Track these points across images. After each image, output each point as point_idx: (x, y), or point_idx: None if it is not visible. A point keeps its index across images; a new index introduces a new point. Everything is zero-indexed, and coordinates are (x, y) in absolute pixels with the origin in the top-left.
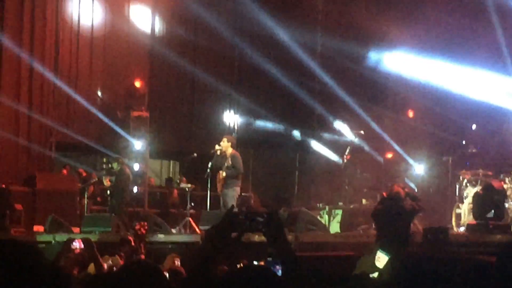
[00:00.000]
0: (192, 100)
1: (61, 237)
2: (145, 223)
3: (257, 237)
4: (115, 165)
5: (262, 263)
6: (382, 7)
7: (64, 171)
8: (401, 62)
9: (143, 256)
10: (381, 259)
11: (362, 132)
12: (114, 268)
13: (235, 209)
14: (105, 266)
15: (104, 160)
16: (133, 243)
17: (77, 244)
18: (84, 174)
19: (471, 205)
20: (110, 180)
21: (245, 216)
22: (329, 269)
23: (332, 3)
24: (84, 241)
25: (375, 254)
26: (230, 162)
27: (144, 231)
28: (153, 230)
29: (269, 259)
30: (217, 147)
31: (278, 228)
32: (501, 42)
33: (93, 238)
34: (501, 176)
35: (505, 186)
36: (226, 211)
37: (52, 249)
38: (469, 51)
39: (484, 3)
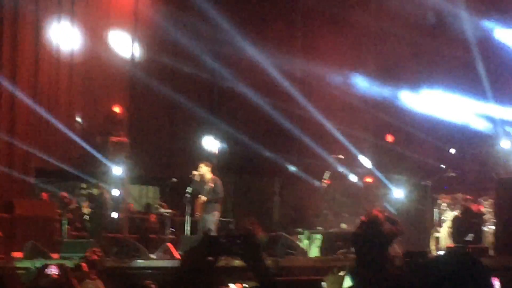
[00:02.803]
0: (171, 126)
1: (40, 263)
2: (98, 250)
3: (227, 262)
4: (94, 191)
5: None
6: (360, 35)
7: (43, 197)
8: (381, 87)
9: (95, 281)
10: (347, 282)
11: (341, 156)
12: None
13: (213, 233)
14: None
15: (84, 186)
16: (86, 269)
17: (53, 270)
18: (66, 199)
19: (450, 229)
20: (89, 206)
21: (223, 238)
22: None
23: (311, 29)
24: (60, 266)
25: (343, 275)
26: (210, 187)
27: (96, 257)
28: (132, 256)
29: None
30: (194, 172)
31: (256, 250)
32: (479, 68)
33: (72, 264)
34: (480, 200)
35: (483, 209)
36: (203, 233)
37: (31, 275)
38: (448, 76)
39: (463, 31)
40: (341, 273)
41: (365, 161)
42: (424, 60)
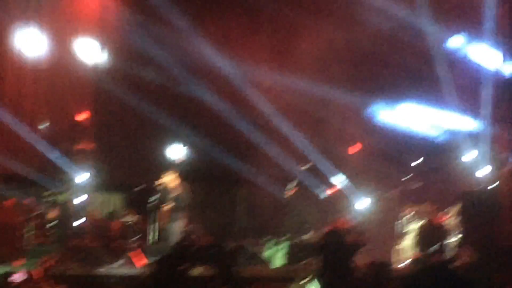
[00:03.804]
0: (137, 133)
1: (3, 269)
2: (53, 257)
3: (197, 271)
4: (58, 198)
5: None
6: (330, 45)
7: (7, 204)
8: (347, 98)
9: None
10: None
11: (306, 166)
12: None
13: (184, 242)
14: None
15: (48, 192)
16: (37, 276)
17: (17, 277)
18: (29, 205)
19: (413, 240)
20: (53, 213)
21: (194, 247)
22: None
23: (278, 38)
24: (25, 273)
25: (305, 284)
26: (175, 194)
27: (51, 264)
28: (96, 263)
29: None
30: (160, 181)
31: (225, 260)
32: (444, 80)
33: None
34: (443, 211)
35: (447, 221)
36: (176, 242)
37: None
38: (413, 88)
39: (427, 43)
40: (302, 282)
41: (340, 179)
42: (390, 72)
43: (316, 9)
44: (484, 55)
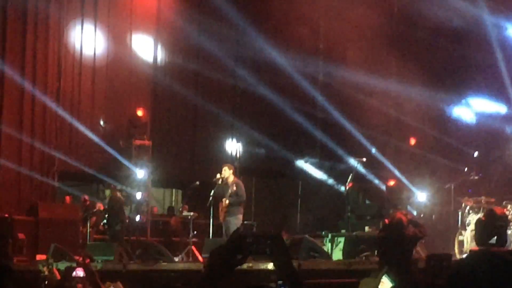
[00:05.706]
0: (194, 129)
1: (63, 265)
2: (88, 253)
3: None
4: (106, 192)
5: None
6: (383, 38)
7: (67, 200)
8: (403, 90)
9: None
10: (385, 284)
11: (364, 159)
12: None
13: (241, 233)
14: None
15: (107, 189)
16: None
17: (79, 272)
18: (88, 202)
19: (474, 232)
20: (113, 208)
21: (251, 238)
22: None
23: (330, 33)
24: (85, 269)
25: (380, 278)
26: (233, 189)
27: (87, 261)
28: (156, 259)
29: (280, 282)
30: (218, 176)
31: (284, 251)
32: (503, 71)
33: (96, 266)
34: (504, 203)
35: (507, 212)
36: (232, 233)
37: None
38: (472, 80)
39: (486, 35)
40: (379, 276)
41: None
42: (453, 65)
43: (380, 4)
44: None
